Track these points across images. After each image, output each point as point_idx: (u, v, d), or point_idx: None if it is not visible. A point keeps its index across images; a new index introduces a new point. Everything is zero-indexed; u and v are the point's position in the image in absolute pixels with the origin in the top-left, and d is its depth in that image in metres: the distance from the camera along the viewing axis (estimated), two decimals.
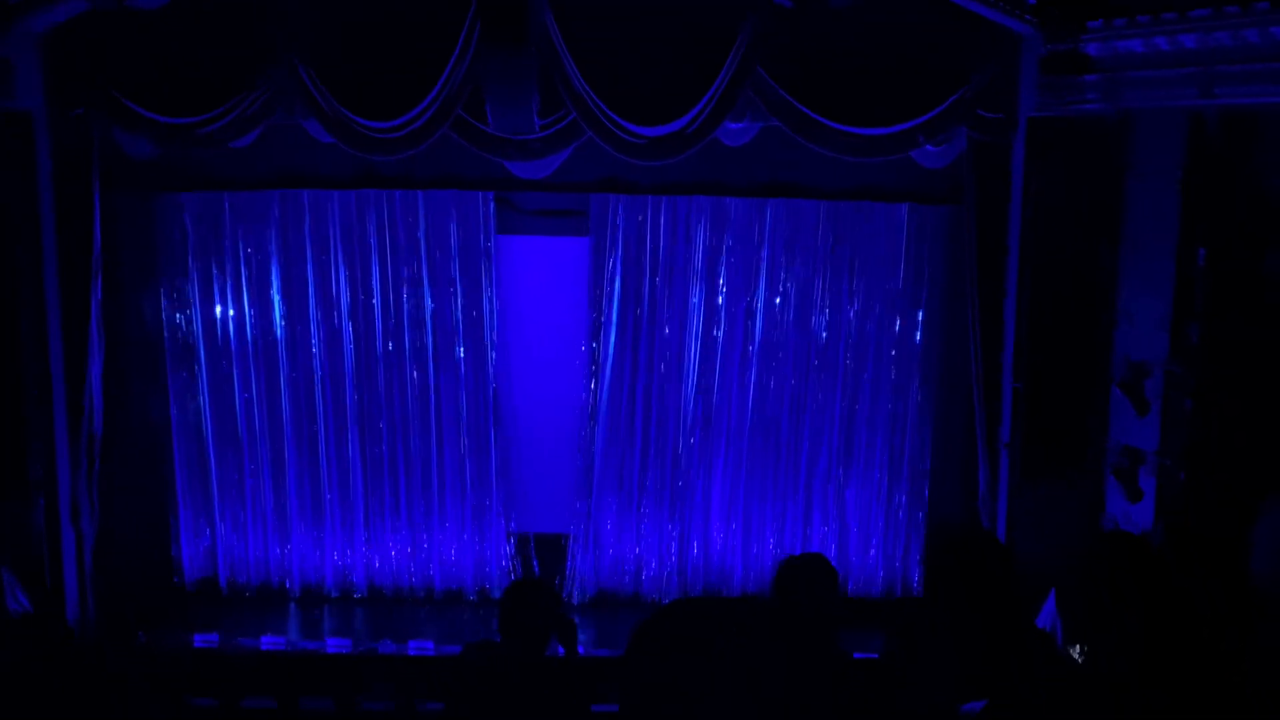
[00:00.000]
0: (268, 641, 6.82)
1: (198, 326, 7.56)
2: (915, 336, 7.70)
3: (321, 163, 7.08)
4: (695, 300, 7.64)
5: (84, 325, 6.69)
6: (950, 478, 7.56)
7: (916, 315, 7.69)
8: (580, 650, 5.20)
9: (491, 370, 7.66)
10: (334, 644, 6.69)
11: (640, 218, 7.55)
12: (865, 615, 7.09)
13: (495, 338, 7.63)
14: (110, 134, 6.54)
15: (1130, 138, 6.23)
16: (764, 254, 7.59)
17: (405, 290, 7.58)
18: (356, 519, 7.73)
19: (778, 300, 7.65)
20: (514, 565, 7.93)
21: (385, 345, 7.59)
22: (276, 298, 7.58)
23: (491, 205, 7.49)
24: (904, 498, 7.86)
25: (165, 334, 7.54)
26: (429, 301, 7.58)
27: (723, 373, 7.70)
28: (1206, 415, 6.05)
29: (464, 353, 7.62)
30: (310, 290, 7.54)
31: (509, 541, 7.87)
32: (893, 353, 7.71)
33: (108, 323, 6.83)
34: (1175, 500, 6.03)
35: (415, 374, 7.63)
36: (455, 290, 7.56)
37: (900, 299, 7.68)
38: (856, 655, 4.03)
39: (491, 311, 7.60)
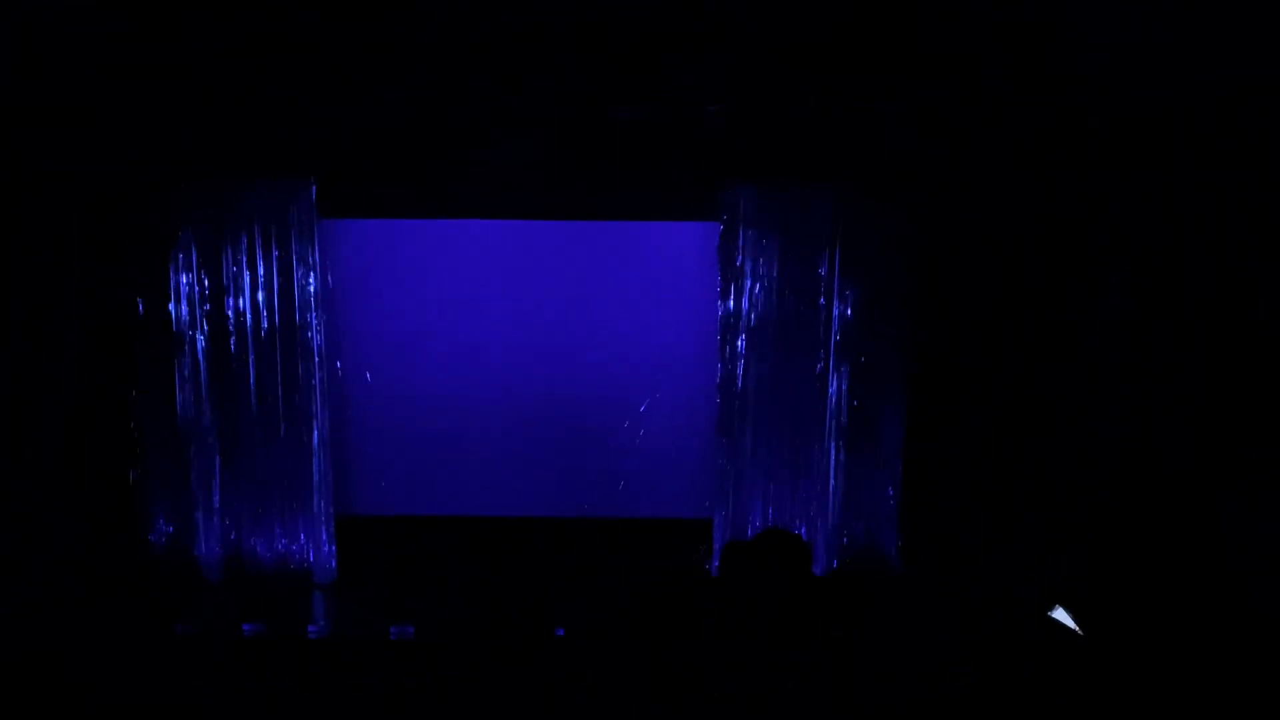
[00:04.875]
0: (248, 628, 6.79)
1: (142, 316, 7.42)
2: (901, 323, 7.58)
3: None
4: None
5: (54, 312, 6.85)
6: (930, 456, 7.62)
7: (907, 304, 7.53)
8: (559, 632, 5.27)
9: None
10: (314, 630, 6.67)
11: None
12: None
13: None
14: None
15: (1097, 139, 6.35)
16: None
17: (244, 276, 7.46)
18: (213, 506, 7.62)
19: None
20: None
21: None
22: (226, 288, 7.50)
23: (314, 189, 7.33)
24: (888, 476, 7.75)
25: (123, 322, 7.40)
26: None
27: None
28: (1173, 401, 6.22)
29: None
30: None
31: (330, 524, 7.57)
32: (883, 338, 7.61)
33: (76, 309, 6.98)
34: (1146, 480, 6.18)
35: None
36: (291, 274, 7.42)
37: (890, 288, 7.53)
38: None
39: (315, 292, 7.40)
